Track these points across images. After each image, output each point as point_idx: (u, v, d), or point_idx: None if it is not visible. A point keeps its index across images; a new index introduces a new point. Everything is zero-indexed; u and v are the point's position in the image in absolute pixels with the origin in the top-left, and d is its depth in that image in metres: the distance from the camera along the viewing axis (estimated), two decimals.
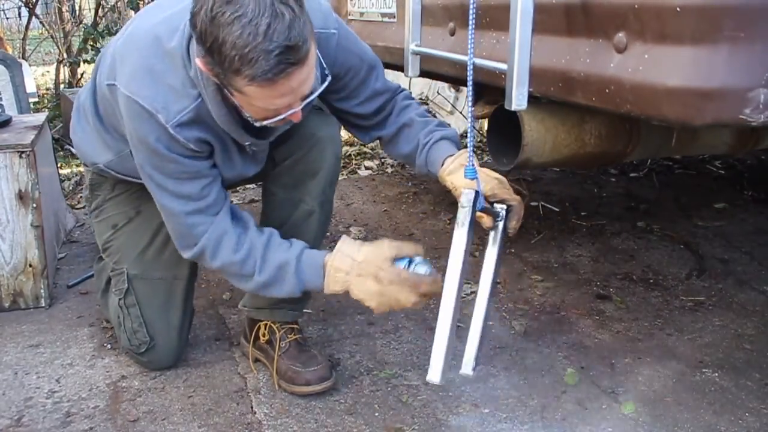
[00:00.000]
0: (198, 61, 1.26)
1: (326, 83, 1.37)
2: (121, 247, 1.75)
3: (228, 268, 1.49)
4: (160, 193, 1.47)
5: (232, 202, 1.55)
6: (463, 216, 1.30)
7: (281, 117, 1.30)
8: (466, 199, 1.32)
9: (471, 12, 1.24)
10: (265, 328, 1.75)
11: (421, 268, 1.44)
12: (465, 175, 1.33)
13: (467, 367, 1.40)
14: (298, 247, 1.49)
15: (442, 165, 1.52)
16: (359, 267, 1.43)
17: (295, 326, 1.76)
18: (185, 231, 1.49)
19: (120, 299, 1.73)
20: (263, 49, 1.14)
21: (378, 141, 1.70)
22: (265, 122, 1.32)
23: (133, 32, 1.46)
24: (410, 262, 1.45)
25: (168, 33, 1.38)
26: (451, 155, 1.52)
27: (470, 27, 1.24)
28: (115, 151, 1.63)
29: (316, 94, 1.35)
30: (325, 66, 1.43)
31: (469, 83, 1.27)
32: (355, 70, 1.58)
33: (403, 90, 1.68)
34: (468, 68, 1.27)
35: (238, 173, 1.56)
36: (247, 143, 1.48)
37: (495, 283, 1.44)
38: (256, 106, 1.28)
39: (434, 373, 1.31)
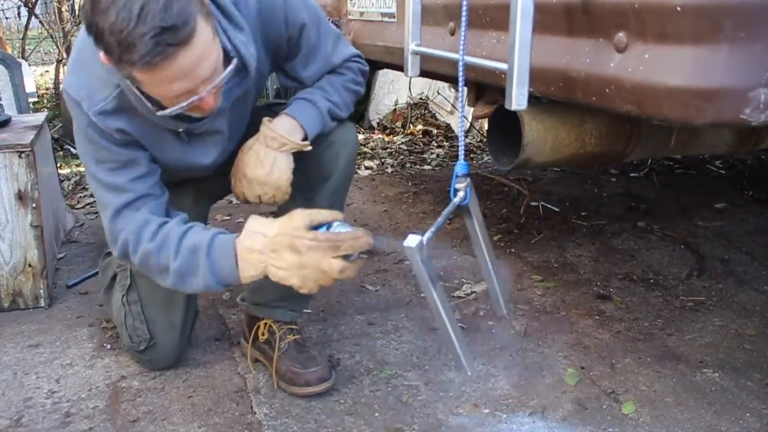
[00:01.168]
0: (100, 53, 1.22)
1: (232, 66, 1.31)
2: None
3: (147, 259, 1.43)
4: (95, 185, 1.48)
5: (230, 203, 1.54)
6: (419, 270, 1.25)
7: (186, 103, 1.26)
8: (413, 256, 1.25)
9: (464, 9, 1.23)
10: (265, 328, 1.75)
11: (341, 227, 1.34)
12: (456, 171, 1.32)
13: (501, 309, 1.39)
14: (213, 232, 1.42)
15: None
16: (273, 241, 1.34)
17: (295, 326, 1.76)
18: (112, 224, 1.47)
19: (123, 295, 1.74)
20: (138, 33, 1.12)
21: None
22: (173, 110, 1.28)
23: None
24: (329, 227, 1.35)
25: None
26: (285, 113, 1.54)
27: (463, 24, 1.24)
28: None
29: (223, 76, 1.29)
30: (230, 49, 1.37)
31: (461, 81, 1.27)
32: (308, 30, 1.57)
33: (356, 60, 1.67)
34: (459, 65, 1.27)
35: (188, 162, 1.52)
36: (180, 129, 1.44)
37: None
38: (156, 93, 1.27)
39: (467, 365, 1.30)
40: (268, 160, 1.52)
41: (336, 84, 1.64)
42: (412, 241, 1.20)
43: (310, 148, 1.56)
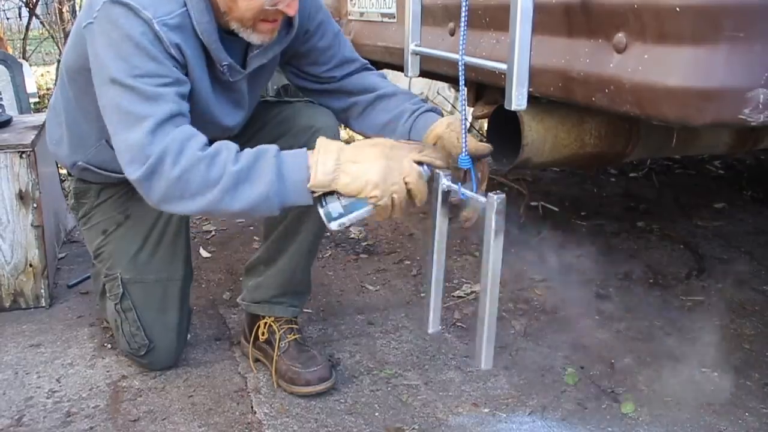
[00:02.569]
0: None
1: None
2: (113, 252, 1.73)
3: (191, 170, 1.25)
4: (130, 99, 1.30)
5: None
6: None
7: (275, 5, 1.31)
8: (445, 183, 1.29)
9: (464, 9, 1.24)
10: (265, 327, 1.75)
11: None
12: (459, 164, 1.33)
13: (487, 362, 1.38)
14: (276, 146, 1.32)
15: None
16: (352, 146, 1.29)
17: (295, 326, 1.76)
18: (151, 135, 1.28)
19: (116, 304, 1.72)
20: None
21: (347, 112, 1.69)
22: (256, 23, 1.35)
23: None
24: None
25: None
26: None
27: (462, 25, 1.24)
28: (94, 141, 1.62)
29: None
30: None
31: (461, 81, 1.27)
32: (324, 28, 1.61)
33: (369, 65, 1.71)
34: (459, 65, 1.27)
35: (211, 115, 1.49)
36: (225, 63, 1.43)
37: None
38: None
39: (433, 326, 1.35)
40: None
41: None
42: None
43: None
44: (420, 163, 1.29)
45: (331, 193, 1.29)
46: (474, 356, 1.34)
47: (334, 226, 1.32)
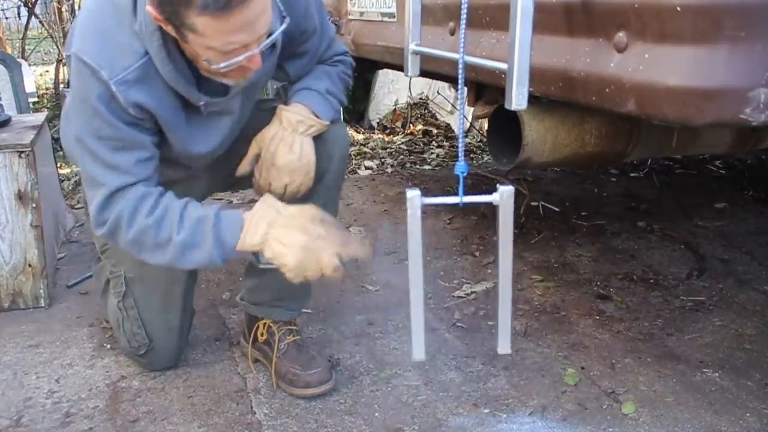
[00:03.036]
0: (148, 8, 1.22)
1: (284, 25, 1.34)
2: (118, 249, 1.73)
3: (143, 235, 1.39)
4: (91, 161, 1.40)
5: (230, 202, 1.54)
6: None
7: (239, 59, 1.26)
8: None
9: (464, 9, 1.23)
10: (264, 328, 1.74)
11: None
12: (455, 170, 1.33)
13: (505, 347, 1.37)
14: (216, 206, 1.43)
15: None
16: (285, 219, 1.36)
17: (294, 327, 1.76)
18: (106, 203, 1.40)
19: (119, 301, 1.72)
20: None
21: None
22: (222, 65, 1.27)
23: None
24: None
25: None
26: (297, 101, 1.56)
27: (462, 24, 1.24)
28: None
29: (276, 34, 1.32)
30: (282, 9, 1.42)
31: (461, 81, 1.27)
32: (309, 33, 1.59)
33: (346, 54, 1.71)
34: (459, 65, 1.27)
35: (192, 147, 1.49)
36: (201, 103, 1.42)
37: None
38: (211, 47, 1.24)
39: (418, 352, 1.33)
40: (296, 145, 1.52)
41: (332, 74, 1.66)
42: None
43: (328, 125, 1.57)
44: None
45: None
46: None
47: (260, 266, 1.45)
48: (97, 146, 1.38)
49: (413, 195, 1.27)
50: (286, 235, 1.35)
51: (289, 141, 1.52)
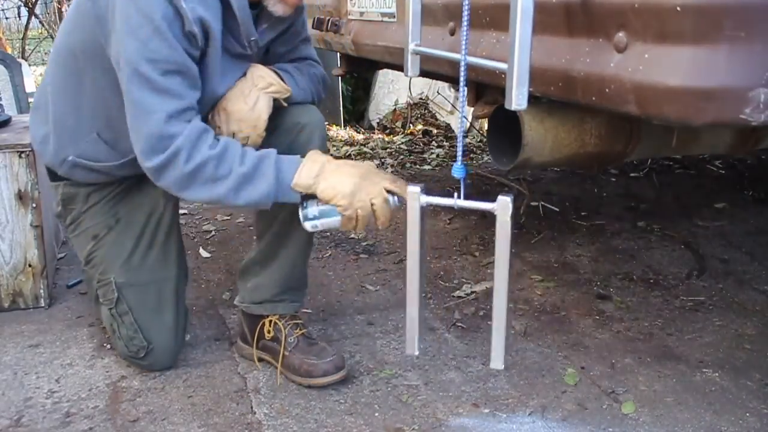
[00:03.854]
0: None
1: None
2: (105, 257, 1.73)
3: (203, 167, 1.41)
4: (141, 88, 1.40)
5: None
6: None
7: None
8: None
9: (465, 9, 1.24)
10: (270, 325, 1.74)
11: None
12: (452, 173, 1.34)
13: (497, 362, 1.37)
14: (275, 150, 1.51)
15: None
16: (337, 163, 1.47)
17: (299, 320, 1.76)
18: (159, 131, 1.41)
19: (110, 308, 1.72)
20: None
21: None
22: None
23: None
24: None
25: None
26: None
27: (464, 24, 1.24)
28: (85, 133, 1.62)
29: None
30: None
31: (462, 81, 1.27)
32: (303, 30, 1.73)
33: (317, 61, 1.80)
34: (461, 65, 1.27)
35: (219, 89, 1.55)
36: (252, 38, 1.52)
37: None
38: None
39: (411, 346, 1.37)
40: (251, 97, 1.57)
41: (301, 68, 1.73)
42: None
43: (290, 93, 1.63)
44: (391, 193, 1.46)
45: (313, 198, 1.47)
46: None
47: (307, 226, 1.50)
48: (148, 68, 1.39)
49: (414, 190, 1.28)
50: (340, 168, 1.45)
51: (246, 91, 1.57)
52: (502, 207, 1.24)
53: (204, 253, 2.54)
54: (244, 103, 1.55)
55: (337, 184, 1.43)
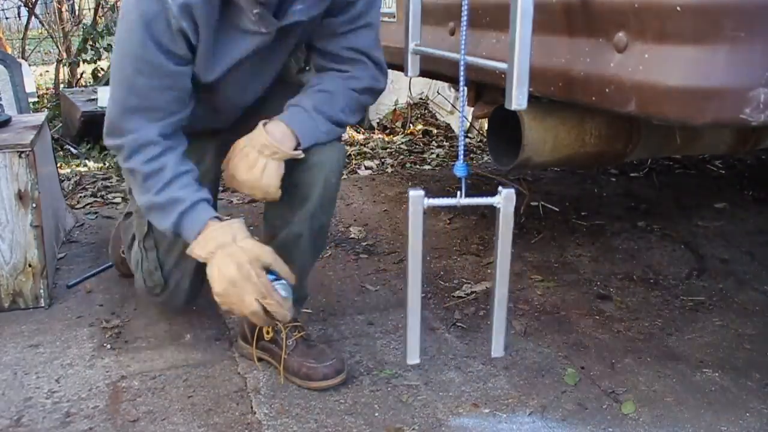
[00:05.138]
0: None
1: None
2: None
3: (132, 174, 1.53)
4: (119, 80, 1.49)
5: (231, 203, 1.54)
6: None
7: None
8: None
9: (464, 9, 1.24)
10: (269, 326, 1.74)
11: (282, 290, 1.48)
12: (454, 171, 1.33)
13: (498, 350, 1.38)
14: (202, 195, 1.52)
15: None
16: (232, 249, 1.45)
17: (299, 323, 1.76)
18: (116, 120, 1.51)
19: (140, 241, 1.78)
20: None
21: None
22: None
23: None
24: (277, 279, 1.48)
25: None
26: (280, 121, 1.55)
27: (463, 24, 1.24)
28: None
29: None
30: None
31: (462, 81, 1.27)
32: (354, 13, 1.58)
33: (377, 65, 1.69)
34: (460, 65, 1.27)
35: (223, 94, 1.58)
36: (255, 11, 1.42)
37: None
38: None
39: (413, 355, 1.38)
40: (258, 167, 1.54)
41: (336, 91, 1.62)
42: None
43: (302, 155, 1.57)
44: (277, 277, 1.49)
45: None
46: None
47: None
48: (125, 61, 1.46)
49: (416, 195, 1.28)
50: (224, 264, 1.44)
51: (251, 161, 1.54)
52: (506, 199, 1.24)
53: None
54: (251, 174, 1.53)
55: (213, 280, 1.46)
